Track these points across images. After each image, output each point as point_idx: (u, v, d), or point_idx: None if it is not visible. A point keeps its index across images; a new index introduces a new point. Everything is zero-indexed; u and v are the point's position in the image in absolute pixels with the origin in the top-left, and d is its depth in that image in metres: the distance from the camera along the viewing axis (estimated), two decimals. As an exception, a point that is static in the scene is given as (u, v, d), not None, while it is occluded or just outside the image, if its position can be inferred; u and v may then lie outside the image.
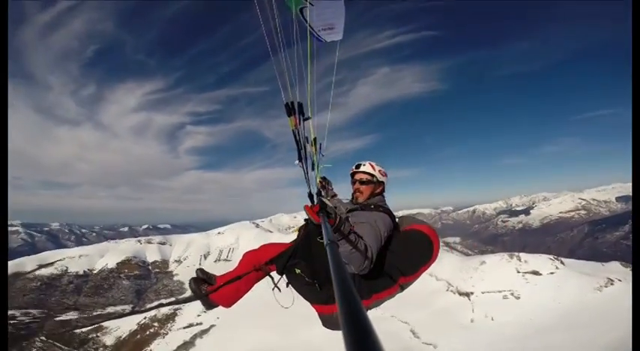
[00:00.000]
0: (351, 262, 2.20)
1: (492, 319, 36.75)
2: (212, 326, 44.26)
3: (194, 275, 2.96)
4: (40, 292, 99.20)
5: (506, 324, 34.97)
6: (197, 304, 54.48)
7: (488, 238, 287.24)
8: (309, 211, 2.06)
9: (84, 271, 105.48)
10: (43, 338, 53.59)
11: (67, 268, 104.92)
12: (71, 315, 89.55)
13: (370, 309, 2.73)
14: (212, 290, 2.78)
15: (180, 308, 53.48)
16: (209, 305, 2.84)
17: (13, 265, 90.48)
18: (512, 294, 40.84)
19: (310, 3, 2.36)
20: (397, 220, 3.02)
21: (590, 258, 63.25)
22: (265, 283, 3.03)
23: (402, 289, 2.84)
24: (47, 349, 49.87)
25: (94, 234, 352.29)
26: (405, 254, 2.77)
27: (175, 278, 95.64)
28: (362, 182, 3.04)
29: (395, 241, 2.79)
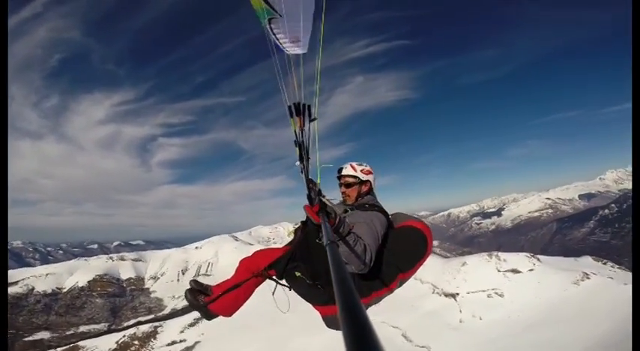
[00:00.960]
0: (352, 262, 2.23)
1: (480, 319, 37.71)
2: (197, 343, 42.62)
3: (189, 287, 2.89)
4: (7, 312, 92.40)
5: (493, 323, 35.97)
6: (179, 321, 52.40)
7: (464, 240, 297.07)
8: (309, 211, 2.07)
9: (52, 290, 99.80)
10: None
11: (33, 287, 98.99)
12: (42, 335, 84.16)
13: (370, 306, 2.84)
14: (211, 300, 2.73)
15: (160, 325, 51.13)
16: (208, 316, 2.80)
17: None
18: (496, 293, 42.17)
19: (279, 14, 2.39)
20: (390, 217, 3.08)
21: (562, 254, 66.79)
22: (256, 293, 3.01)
23: (400, 284, 2.93)
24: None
25: (61, 252, 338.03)
26: (401, 251, 2.85)
27: (153, 295, 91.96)
28: (347, 185, 3.14)
29: (391, 238, 2.85)
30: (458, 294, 44.34)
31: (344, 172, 3.16)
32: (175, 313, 76.03)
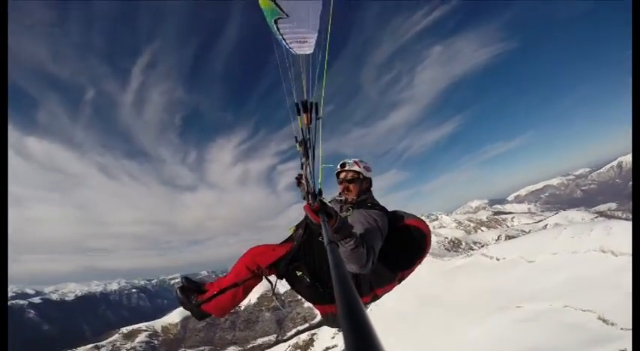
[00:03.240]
0: (354, 262, 2.13)
1: None
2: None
3: (180, 284, 2.83)
4: (206, 331, 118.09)
5: None
6: (329, 327, 56.02)
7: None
8: (309, 211, 1.97)
9: (234, 309, 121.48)
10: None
11: None
12: (231, 349, 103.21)
13: (369, 304, 2.85)
14: (205, 300, 2.64)
15: (315, 333, 55.17)
16: (200, 316, 2.72)
17: (182, 311, 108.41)
18: None
19: (286, 14, 2.34)
20: (390, 215, 2.94)
21: None
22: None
23: (399, 282, 2.94)
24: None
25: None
26: (401, 249, 2.80)
27: (305, 304, 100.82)
28: (349, 180, 3.02)
29: (391, 237, 2.71)
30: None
31: (348, 167, 3.04)
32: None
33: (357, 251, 2.09)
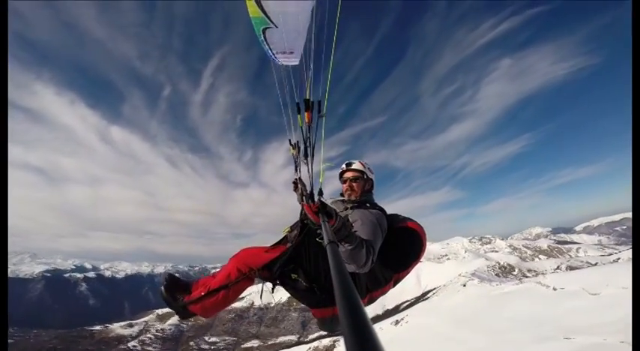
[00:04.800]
0: (353, 262, 2.11)
1: None
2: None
3: (164, 282, 2.61)
4: (234, 322, 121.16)
5: None
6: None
7: None
8: (309, 211, 1.97)
9: (264, 305, 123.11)
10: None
11: (253, 301, 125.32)
12: (253, 343, 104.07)
13: (365, 307, 2.26)
14: (193, 300, 2.48)
15: (338, 340, 52.32)
16: (185, 316, 2.57)
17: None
18: None
19: (275, 25, 2.43)
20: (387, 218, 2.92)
21: None
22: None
23: (394, 285, 2.95)
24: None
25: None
26: (398, 251, 2.80)
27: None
28: (353, 180, 3.03)
29: (388, 239, 2.69)
30: None
31: (353, 166, 3.07)
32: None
33: (357, 251, 2.07)
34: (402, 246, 2.82)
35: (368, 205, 2.85)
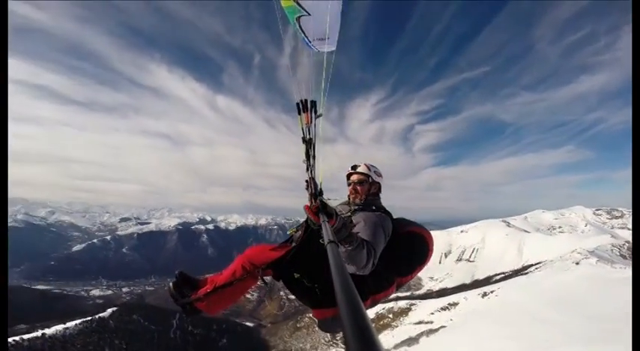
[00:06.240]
0: (354, 263, 2.12)
1: None
2: (442, 327, 38.70)
3: (174, 279, 2.77)
4: None
5: None
6: (432, 302, 50.14)
7: None
8: (308, 211, 2.00)
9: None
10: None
11: None
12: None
13: (368, 309, 2.54)
14: (198, 298, 2.60)
15: (415, 304, 51.60)
16: (192, 313, 2.65)
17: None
18: None
19: (308, 13, 2.48)
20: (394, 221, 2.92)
21: None
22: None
23: (397, 289, 2.94)
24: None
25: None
26: (402, 255, 2.81)
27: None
28: (358, 183, 3.03)
29: (393, 242, 2.69)
30: None
31: (358, 170, 3.07)
32: (430, 294, 74.53)
33: (358, 252, 2.07)
34: (407, 250, 2.83)
35: (373, 208, 2.84)
